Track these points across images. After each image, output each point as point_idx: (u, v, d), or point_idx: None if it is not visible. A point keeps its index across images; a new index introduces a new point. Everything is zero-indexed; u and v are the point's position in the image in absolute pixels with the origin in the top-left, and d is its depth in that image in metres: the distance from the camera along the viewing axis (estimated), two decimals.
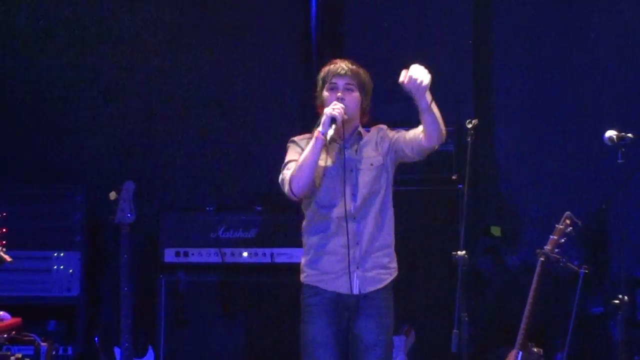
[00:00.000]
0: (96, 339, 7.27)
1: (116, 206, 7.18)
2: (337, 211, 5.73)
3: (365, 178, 5.77)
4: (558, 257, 6.19)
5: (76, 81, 8.14)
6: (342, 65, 5.76)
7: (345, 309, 5.75)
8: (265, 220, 7.51)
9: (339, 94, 5.69)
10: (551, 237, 6.26)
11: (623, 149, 5.74)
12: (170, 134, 8.14)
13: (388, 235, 5.88)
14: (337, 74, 5.73)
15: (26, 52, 8.15)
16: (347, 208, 5.70)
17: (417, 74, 5.51)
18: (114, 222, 7.20)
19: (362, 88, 5.77)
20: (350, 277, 5.70)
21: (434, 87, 7.96)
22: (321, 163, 5.72)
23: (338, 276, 5.74)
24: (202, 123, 8.16)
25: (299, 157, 5.71)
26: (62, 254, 7.56)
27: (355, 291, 5.72)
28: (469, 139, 5.82)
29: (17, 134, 8.11)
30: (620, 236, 6.90)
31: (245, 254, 7.47)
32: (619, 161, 5.72)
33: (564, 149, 8.01)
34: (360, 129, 5.87)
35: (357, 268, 5.73)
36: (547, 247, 6.23)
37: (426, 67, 5.58)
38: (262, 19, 8.19)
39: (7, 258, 5.78)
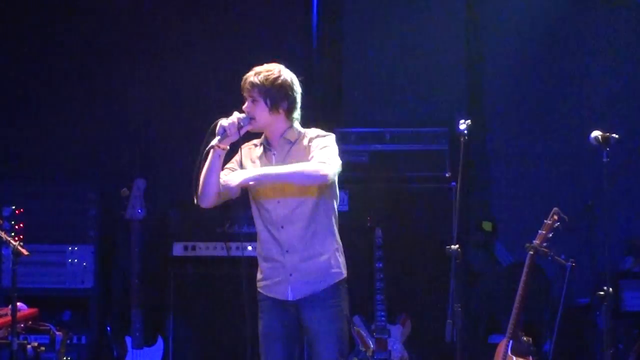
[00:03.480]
0: (108, 328, 7.44)
1: (127, 203, 7.40)
2: (267, 219, 5.61)
3: (292, 186, 5.51)
4: (546, 250, 6.18)
5: (90, 82, 8.27)
6: (244, 81, 5.57)
7: (289, 305, 5.60)
8: None
9: (245, 107, 5.59)
10: (540, 231, 6.23)
11: (608, 149, 5.78)
12: (179, 133, 8.19)
13: (326, 240, 5.58)
14: (243, 89, 5.57)
15: (41, 54, 8.27)
16: (274, 216, 5.58)
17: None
18: (126, 217, 7.42)
19: (266, 96, 5.50)
20: (283, 285, 5.56)
21: (429, 89, 8.27)
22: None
23: (274, 283, 5.60)
24: (210, 123, 8.27)
25: (235, 164, 5.66)
26: (76, 248, 7.74)
27: (290, 298, 5.56)
28: (462, 139, 5.80)
29: (34, 134, 8.22)
30: (604, 231, 6.89)
31: (249, 247, 7.41)
32: (604, 160, 5.76)
33: (552, 149, 8.16)
34: (288, 134, 5.61)
35: (291, 275, 5.54)
36: (536, 242, 6.21)
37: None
38: (264, 21, 8.32)
39: (24, 252, 5.78)
